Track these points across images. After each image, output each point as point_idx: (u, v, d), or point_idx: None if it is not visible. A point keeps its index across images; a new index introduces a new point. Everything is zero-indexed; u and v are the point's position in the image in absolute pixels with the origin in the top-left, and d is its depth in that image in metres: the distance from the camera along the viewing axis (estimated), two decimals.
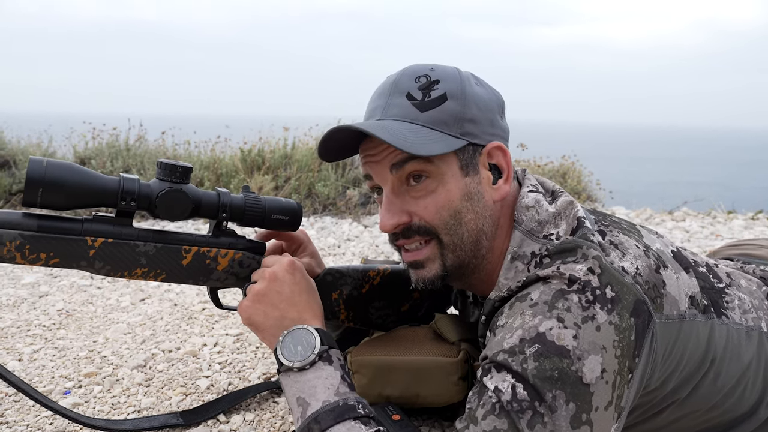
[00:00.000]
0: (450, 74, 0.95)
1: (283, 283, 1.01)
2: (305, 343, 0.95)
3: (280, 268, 1.02)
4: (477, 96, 0.96)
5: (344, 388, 0.93)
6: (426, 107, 0.93)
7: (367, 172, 1.00)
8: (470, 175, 0.95)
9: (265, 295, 1.00)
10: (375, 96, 0.99)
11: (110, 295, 2.14)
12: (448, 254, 0.97)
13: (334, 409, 0.89)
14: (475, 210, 0.96)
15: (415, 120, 0.93)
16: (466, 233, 0.96)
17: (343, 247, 2.97)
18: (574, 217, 0.95)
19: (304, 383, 0.93)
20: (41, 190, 0.92)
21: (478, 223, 0.96)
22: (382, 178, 0.97)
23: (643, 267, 0.90)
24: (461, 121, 0.93)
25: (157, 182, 1.01)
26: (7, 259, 0.94)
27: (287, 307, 1.00)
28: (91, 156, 4.26)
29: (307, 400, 0.91)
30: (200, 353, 1.61)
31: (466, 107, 0.94)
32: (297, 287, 1.01)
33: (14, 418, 1.26)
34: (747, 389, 1.00)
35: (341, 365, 0.96)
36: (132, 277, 1.03)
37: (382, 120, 0.94)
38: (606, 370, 0.82)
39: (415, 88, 0.94)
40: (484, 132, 0.96)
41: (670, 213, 3.95)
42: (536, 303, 0.86)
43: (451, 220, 0.95)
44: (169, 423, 1.21)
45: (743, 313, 1.02)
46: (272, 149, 4.31)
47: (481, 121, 0.95)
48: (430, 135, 0.92)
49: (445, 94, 0.93)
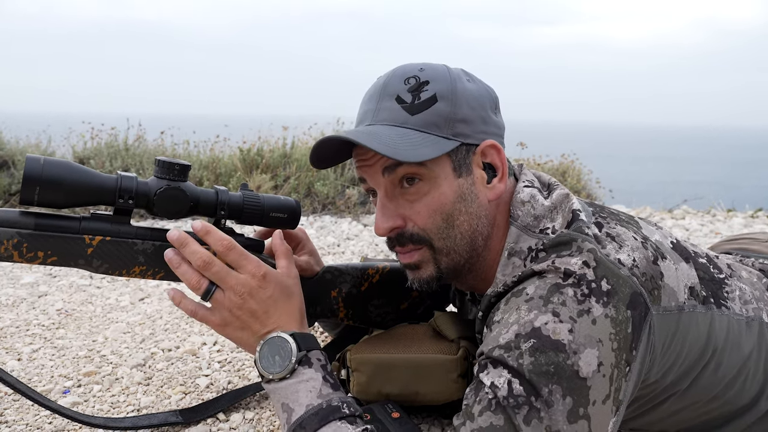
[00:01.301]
0: (440, 74, 0.95)
1: (257, 301, 0.96)
2: (282, 352, 0.93)
3: (253, 283, 0.96)
4: (468, 94, 0.95)
5: (327, 389, 0.92)
6: (416, 110, 0.92)
7: (361, 176, 0.99)
8: (463, 176, 0.95)
9: (238, 317, 0.96)
10: (366, 98, 0.99)
11: (109, 294, 2.14)
12: (442, 258, 0.98)
13: (318, 412, 0.89)
14: (469, 211, 0.95)
15: (405, 124, 0.92)
16: (459, 236, 0.96)
17: (342, 246, 2.97)
18: (569, 210, 0.95)
19: (286, 389, 0.92)
20: (38, 188, 0.91)
21: (472, 224, 0.96)
22: (376, 182, 0.97)
23: (640, 259, 0.90)
24: (452, 122, 0.93)
25: (155, 180, 1.01)
26: (4, 257, 0.94)
27: (263, 321, 0.97)
28: (90, 156, 4.26)
29: (291, 406, 0.91)
30: (199, 352, 1.61)
31: (456, 107, 0.93)
32: (271, 300, 0.97)
33: (13, 417, 1.26)
34: (748, 380, 0.99)
35: (322, 365, 0.95)
36: (130, 276, 1.03)
37: (371, 125, 0.94)
38: (603, 364, 0.81)
39: (404, 90, 0.94)
40: (477, 131, 0.95)
41: (669, 211, 3.95)
42: (531, 298, 0.86)
43: (444, 224, 0.95)
44: (168, 421, 1.21)
45: (744, 304, 1.02)
46: (271, 148, 4.31)
47: (473, 120, 0.94)
48: (420, 139, 0.91)
49: (435, 96, 0.93)
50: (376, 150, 0.88)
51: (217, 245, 0.97)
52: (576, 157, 4.97)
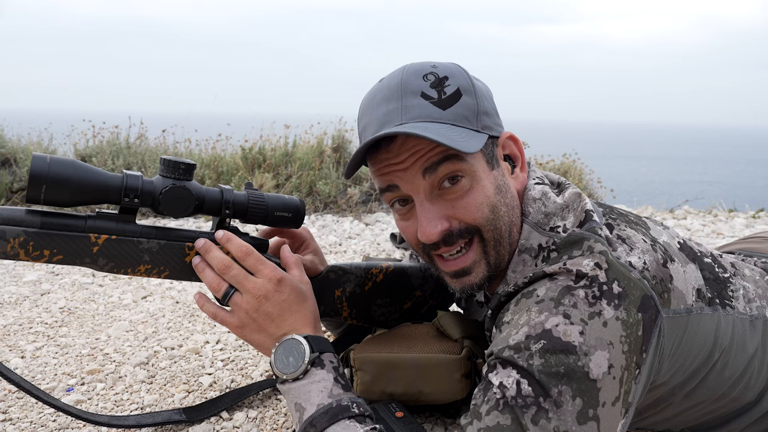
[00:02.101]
0: (454, 70, 0.95)
1: (273, 304, 0.99)
2: (296, 353, 0.96)
3: (269, 287, 0.99)
4: (480, 88, 0.96)
5: (337, 389, 0.94)
6: (446, 105, 0.91)
7: (391, 183, 0.94)
8: (495, 168, 0.95)
9: (255, 320, 0.99)
10: (379, 100, 0.94)
11: (112, 292, 2.14)
12: (491, 251, 0.96)
13: (328, 411, 0.90)
14: (506, 202, 0.96)
15: (440, 119, 0.90)
16: (504, 226, 0.95)
17: (344, 245, 2.97)
18: (582, 209, 0.95)
19: (299, 390, 0.94)
20: (45, 187, 0.92)
21: (510, 215, 0.96)
22: (413, 187, 0.93)
23: (650, 262, 0.90)
24: (479, 114, 0.93)
25: (161, 179, 1.01)
26: (11, 255, 0.94)
27: (279, 324, 0.99)
28: (92, 154, 4.26)
29: (303, 405, 0.93)
30: (202, 350, 1.62)
31: (479, 100, 0.93)
32: (286, 304, 1.00)
33: (18, 415, 1.26)
34: (752, 378, 1.00)
35: (334, 367, 0.96)
36: (135, 274, 1.03)
37: (405, 123, 0.90)
38: (613, 366, 0.81)
39: (426, 86, 0.91)
40: (496, 123, 0.96)
41: (671, 211, 3.95)
42: (542, 299, 0.86)
43: (492, 215, 0.94)
44: (172, 419, 1.21)
45: (747, 303, 1.02)
46: (273, 147, 4.31)
47: (492, 112, 0.96)
48: (460, 132, 0.89)
49: (458, 90, 0.92)
50: (440, 141, 0.84)
51: (236, 251, 1.02)
52: (577, 156, 4.97)
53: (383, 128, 0.91)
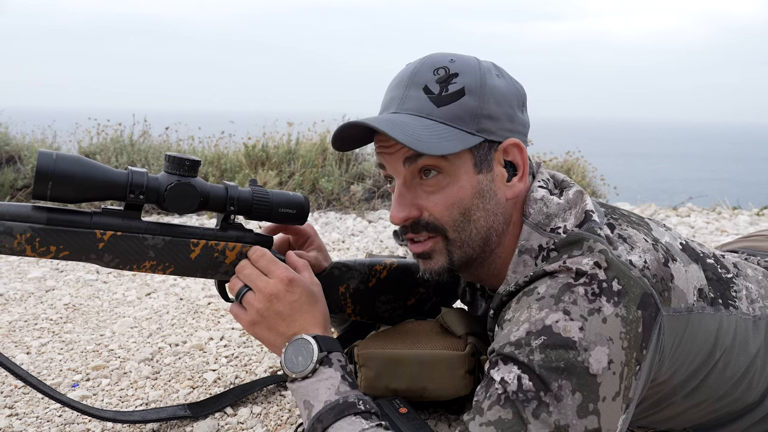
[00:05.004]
0: (470, 67, 0.94)
1: (283, 303, 1.01)
2: (305, 352, 0.97)
3: (280, 287, 1.01)
4: (496, 90, 0.94)
5: (345, 387, 0.95)
6: (442, 102, 0.92)
7: (381, 162, 1.00)
8: (483, 172, 0.95)
9: (266, 318, 1.01)
10: (393, 84, 0.98)
11: (116, 289, 2.15)
12: (455, 250, 0.98)
13: (335, 407, 0.91)
14: (486, 207, 0.95)
15: (430, 115, 0.91)
16: (475, 230, 0.96)
17: (347, 242, 2.98)
18: (582, 210, 0.95)
19: (307, 387, 0.96)
20: (51, 183, 0.92)
21: (488, 220, 0.96)
22: (395, 170, 0.97)
23: (651, 260, 0.90)
24: (478, 117, 0.92)
25: (166, 176, 1.01)
26: (17, 251, 0.95)
27: (289, 323, 1.01)
28: (96, 151, 4.27)
29: (311, 403, 0.94)
30: (207, 347, 1.62)
31: (483, 102, 0.92)
32: (297, 304, 1.01)
33: (24, 410, 1.27)
34: (755, 379, 1.00)
35: (342, 366, 0.98)
36: (140, 270, 1.04)
37: (396, 114, 0.93)
38: (613, 361, 0.82)
39: (433, 80, 0.93)
40: (502, 128, 0.94)
41: (674, 209, 3.94)
42: (543, 297, 0.86)
43: (461, 217, 0.95)
44: (177, 415, 1.22)
45: (750, 303, 1.02)
46: (276, 145, 4.31)
47: (499, 116, 0.94)
48: (444, 132, 0.90)
49: (462, 89, 0.92)
50: (399, 140, 0.87)
51: (251, 253, 1.07)
52: (581, 154, 4.96)
53: (384, 112, 0.97)
